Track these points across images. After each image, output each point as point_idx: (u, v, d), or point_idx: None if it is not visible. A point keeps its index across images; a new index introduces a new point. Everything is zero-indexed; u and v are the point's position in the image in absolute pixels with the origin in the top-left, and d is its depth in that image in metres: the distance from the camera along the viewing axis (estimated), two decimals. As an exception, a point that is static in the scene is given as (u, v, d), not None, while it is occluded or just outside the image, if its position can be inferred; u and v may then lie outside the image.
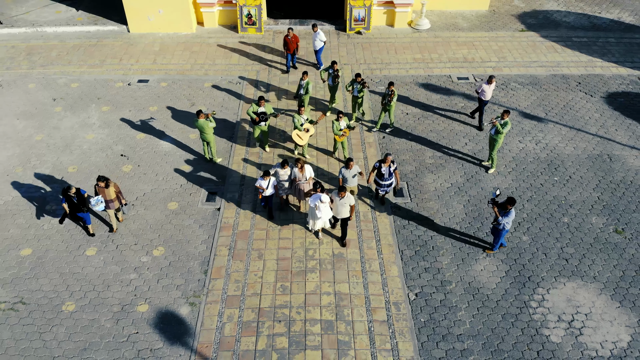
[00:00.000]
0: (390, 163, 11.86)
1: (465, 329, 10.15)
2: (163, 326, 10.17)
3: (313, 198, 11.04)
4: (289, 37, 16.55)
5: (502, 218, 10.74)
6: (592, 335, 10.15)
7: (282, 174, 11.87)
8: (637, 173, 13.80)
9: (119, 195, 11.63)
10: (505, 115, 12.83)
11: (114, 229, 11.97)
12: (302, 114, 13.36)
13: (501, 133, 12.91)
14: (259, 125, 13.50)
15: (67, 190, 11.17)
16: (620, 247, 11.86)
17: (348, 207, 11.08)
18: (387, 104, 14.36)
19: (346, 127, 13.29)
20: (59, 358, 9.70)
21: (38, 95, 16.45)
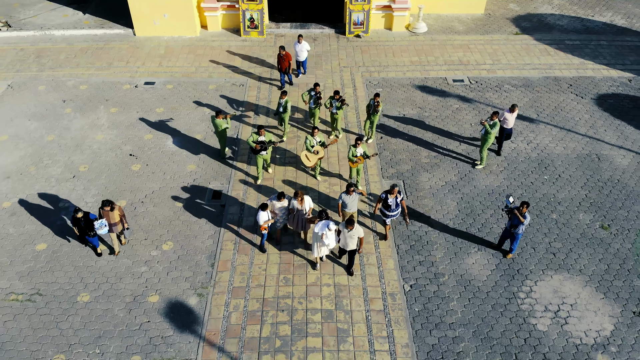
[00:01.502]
0: (397, 194, 11.77)
1: (457, 318, 10.88)
2: (173, 315, 10.89)
3: (322, 226, 10.97)
4: (281, 55, 16.57)
5: (523, 224, 11.25)
6: (577, 325, 10.87)
7: (278, 206, 11.74)
8: (624, 172, 14.53)
9: (123, 219, 11.81)
10: (495, 116, 13.55)
11: (116, 252, 12.07)
12: (316, 136, 13.30)
13: (490, 133, 13.63)
14: (260, 154, 13.41)
15: (75, 213, 11.28)
16: (605, 242, 12.58)
17: (357, 239, 10.97)
18: (372, 114, 14.57)
19: (362, 154, 12.96)
20: (75, 345, 10.42)
21: (48, 97, 17.17)
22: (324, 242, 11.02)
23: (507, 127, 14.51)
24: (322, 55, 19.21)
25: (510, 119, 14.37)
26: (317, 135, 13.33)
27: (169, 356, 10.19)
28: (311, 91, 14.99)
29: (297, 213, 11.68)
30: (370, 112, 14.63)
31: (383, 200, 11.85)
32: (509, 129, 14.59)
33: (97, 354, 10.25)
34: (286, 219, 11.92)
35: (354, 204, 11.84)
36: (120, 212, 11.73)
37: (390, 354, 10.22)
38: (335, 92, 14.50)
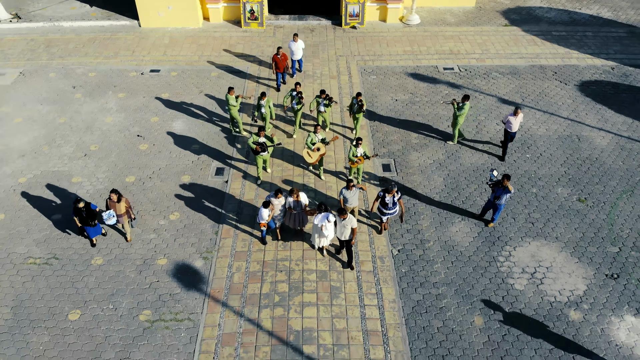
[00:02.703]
0: (395, 193, 12.06)
1: (440, 278, 11.99)
2: (180, 276, 12.01)
3: (322, 217, 11.53)
4: (278, 56, 16.97)
5: (504, 197, 12.36)
6: (551, 285, 11.98)
7: (276, 203, 12.20)
8: (603, 151, 15.65)
9: (129, 210, 12.43)
10: (465, 99, 14.69)
11: (129, 238, 12.74)
12: (318, 133, 13.72)
13: (458, 115, 14.82)
14: (260, 155, 13.81)
15: (77, 204, 11.72)
16: (582, 213, 13.70)
17: (350, 229, 11.46)
18: (356, 112, 15.04)
19: (362, 154, 13.43)
20: (90, 302, 11.53)
21: (58, 83, 18.32)
22: (324, 234, 11.65)
23: (511, 130, 14.71)
24: (319, 45, 20.37)
25: (514, 123, 14.59)
26: (319, 132, 13.76)
27: (177, 311, 11.31)
28: (292, 91, 15.23)
29: (293, 210, 12.17)
30: (354, 111, 15.12)
31: (381, 198, 12.16)
32: (513, 132, 14.79)
33: (111, 309, 11.37)
34: (283, 217, 12.44)
35: (355, 199, 12.41)
36: (127, 203, 12.29)
37: (379, 308, 11.33)
38: (322, 91, 14.93)
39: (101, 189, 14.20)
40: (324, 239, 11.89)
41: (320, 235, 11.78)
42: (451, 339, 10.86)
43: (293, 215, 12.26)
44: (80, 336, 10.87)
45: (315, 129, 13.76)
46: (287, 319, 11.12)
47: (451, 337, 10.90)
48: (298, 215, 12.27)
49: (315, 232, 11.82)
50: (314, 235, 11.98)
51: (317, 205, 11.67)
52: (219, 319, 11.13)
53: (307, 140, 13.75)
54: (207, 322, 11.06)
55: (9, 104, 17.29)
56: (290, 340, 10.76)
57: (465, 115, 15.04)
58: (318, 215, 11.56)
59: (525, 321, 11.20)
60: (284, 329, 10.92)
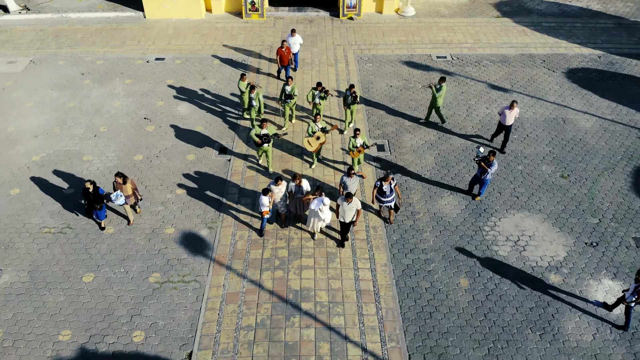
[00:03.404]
0: (391, 180, 12.65)
1: (429, 245, 12.96)
2: (187, 243, 12.98)
3: (317, 202, 12.05)
4: (282, 49, 17.63)
5: (489, 171, 13.32)
6: (533, 251, 12.95)
7: (276, 191, 12.63)
8: (587, 133, 16.63)
9: (135, 192, 13.06)
10: (441, 81, 15.66)
11: (131, 221, 13.39)
12: (318, 122, 14.23)
13: (437, 97, 15.80)
14: (261, 146, 14.25)
15: (86, 185, 12.40)
16: (564, 188, 14.67)
17: (355, 210, 12.10)
18: (350, 104, 15.53)
19: (361, 145, 13.89)
20: (102, 266, 12.49)
21: (68, 70, 19.32)
22: (320, 217, 12.30)
23: (506, 123, 15.14)
24: (318, 35, 21.37)
25: (508, 116, 14.97)
26: (319, 121, 14.27)
27: (184, 273, 12.28)
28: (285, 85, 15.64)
29: (296, 196, 12.67)
30: (348, 103, 15.62)
31: (378, 187, 12.76)
32: (508, 125, 15.22)
33: (122, 272, 12.33)
34: (285, 203, 12.91)
35: (354, 186, 12.95)
36: (133, 185, 12.97)
37: (371, 271, 12.30)
38: (318, 84, 15.49)
39: (111, 166, 15.17)
40: (322, 222, 12.55)
41: (318, 219, 12.45)
42: (438, 298, 11.82)
43: (295, 201, 12.82)
44: (94, 296, 11.84)
45: (315, 118, 14.35)
46: (286, 280, 12.10)
47: (438, 296, 11.87)
48: (300, 201, 12.79)
49: (312, 216, 12.43)
50: (309, 220, 12.56)
51: (315, 187, 12.32)
52: (223, 280, 12.10)
53: (308, 129, 14.38)
54: (212, 283, 12.04)
55: (20, 90, 18.28)
56: (289, 298, 11.73)
57: (443, 97, 15.99)
58: (314, 200, 12.18)
59: (507, 283, 12.17)
60: (284, 289, 11.90)
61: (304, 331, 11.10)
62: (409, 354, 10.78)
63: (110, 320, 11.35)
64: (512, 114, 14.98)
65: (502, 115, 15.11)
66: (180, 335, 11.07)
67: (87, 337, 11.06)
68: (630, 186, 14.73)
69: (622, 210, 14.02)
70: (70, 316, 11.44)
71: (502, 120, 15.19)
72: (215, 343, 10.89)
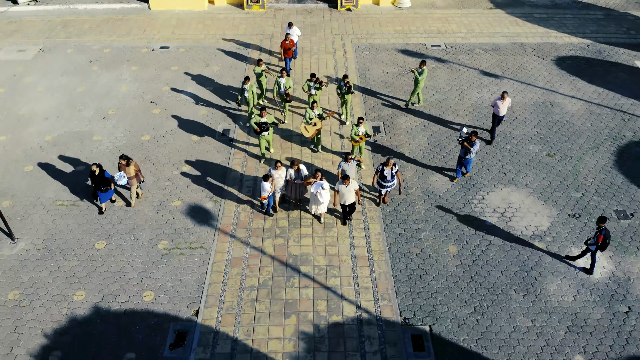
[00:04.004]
0: (392, 166, 13.13)
1: (420, 216, 13.89)
2: (193, 214, 13.90)
3: (315, 185, 12.60)
4: (286, 42, 18.32)
5: (472, 151, 14.19)
6: (519, 222, 13.87)
7: (276, 176, 13.17)
8: (573, 115, 17.56)
9: (138, 174, 13.78)
10: (422, 65, 16.58)
11: (132, 204, 14.10)
12: (315, 109, 14.92)
13: (419, 80, 16.69)
14: (261, 135, 14.72)
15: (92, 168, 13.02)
16: (550, 165, 15.59)
17: (353, 192, 12.70)
18: (345, 94, 16.16)
19: (363, 133, 14.44)
20: (113, 235, 13.41)
21: (76, 58, 20.27)
22: (320, 200, 13.03)
23: (498, 114, 15.64)
24: (317, 25, 22.33)
25: (501, 107, 15.49)
26: (315, 108, 15.00)
27: (191, 241, 13.20)
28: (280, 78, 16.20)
29: (294, 181, 13.24)
30: (343, 93, 16.21)
31: (380, 172, 13.26)
32: (501, 116, 15.72)
33: (132, 240, 13.26)
34: (284, 188, 13.46)
35: (352, 171, 13.52)
36: (136, 167, 13.78)
37: (366, 239, 13.23)
38: (312, 75, 16.04)
39: (120, 145, 16.10)
40: (321, 205, 13.18)
41: (317, 203, 13.12)
42: (428, 263, 12.74)
43: (294, 186, 13.44)
44: (106, 261, 12.76)
45: (312, 105, 15.07)
46: (286, 246, 13.02)
47: (428, 261, 12.79)
48: (298, 186, 13.40)
49: (312, 199, 13.16)
50: (311, 203, 13.30)
51: (314, 171, 13.06)
52: (227, 247, 13.02)
53: (305, 115, 15.11)
54: (217, 250, 12.96)
55: (31, 76, 19.22)
56: (289, 262, 12.64)
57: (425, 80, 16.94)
58: (313, 184, 12.81)
59: (494, 249, 13.08)
60: (284, 254, 12.82)
61: (302, 291, 12.02)
62: (400, 310, 11.69)
63: (122, 282, 12.27)
64: (505, 104, 15.56)
65: (495, 107, 15.65)
66: (187, 295, 11.99)
67: (100, 297, 11.98)
68: (613, 164, 15.65)
69: (605, 186, 14.94)
70: (84, 279, 12.36)
71: (496, 112, 15.72)
72: (221, 301, 11.81)
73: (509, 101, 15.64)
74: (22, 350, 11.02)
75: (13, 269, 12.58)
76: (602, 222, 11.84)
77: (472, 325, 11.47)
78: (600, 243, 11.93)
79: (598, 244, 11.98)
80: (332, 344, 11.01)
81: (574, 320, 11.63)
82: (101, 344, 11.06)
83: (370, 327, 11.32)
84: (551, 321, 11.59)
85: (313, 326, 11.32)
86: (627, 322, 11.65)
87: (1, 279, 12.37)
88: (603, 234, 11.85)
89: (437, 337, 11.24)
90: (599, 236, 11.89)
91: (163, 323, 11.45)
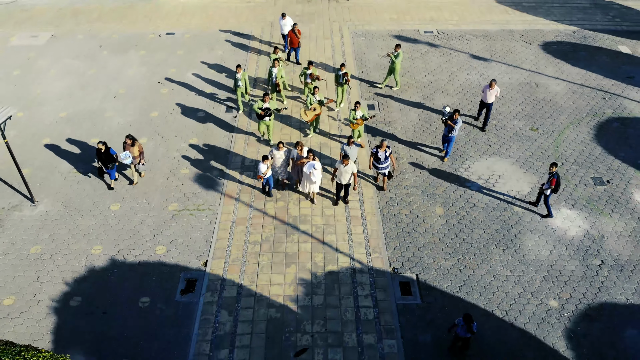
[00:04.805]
0: (386, 148, 13.93)
1: (410, 182, 15.19)
2: (200, 181, 15.20)
3: (308, 166, 13.44)
4: (293, 32, 19.23)
5: (455, 128, 15.46)
6: (501, 187, 15.16)
7: (278, 156, 14.09)
8: (556, 94, 18.88)
9: (141, 156, 14.79)
10: (397, 48, 17.83)
11: (134, 182, 15.12)
12: (316, 94, 15.75)
13: (395, 63, 17.95)
14: (263, 120, 15.57)
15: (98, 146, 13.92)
16: (533, 138, 16.90)
17: (350, 173, 13.54)
18: (341, 83, 16.92)
19: (361, 117, 15.27)
20: (127, 198, 14.71)
21: (86, 43, 21.62)
22: (312, 180, 13.81)
23: (486, 101, 16.45)
24: (315, 13, 23.70)
25: (489, 94, 16.23)
26: (317, 94, 15.89)
27: (199, 203, 14.50)
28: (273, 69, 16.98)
29: (297, 162, 13.91)
30: (340, 82, 16.97)
31: (374, 154, 14.17)
32: (489, 103, 16.50)
33: (145, 202, 14.56)
34: (287, 170, 14.30)
35: (354, 154, 14.30)
36: (140, 148, 15.06)
37: (359, 202, 14.53)
38: (310, 63, 17.02)
39: (130, 120, 17.43)
40: (313, 185, 13.95)
41: (310, 182, 13.92)
42: (416, 222, 14.04)
43: (297, 167, 14.12)
44: (120, 220, 14.06)
45: (313, 91, 15.96)
46: (287, 208, 14.31)
47: (416, 220, 14.09)
48: (300, 167, 14.11)
49: (305, 178, 13.89)
50: (303, 182, 14.03)
51: (307, 151, 13.92)
52: (233, 208, 14.32)
53: (307, 100, 15.92)
54: (223, 211, 14.26)
55: (44, 59, 20.57)
56: (289, 221, 13.95)
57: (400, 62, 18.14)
58: (307, 163, 13.67)
59: (477, 210, 14.38)
60: (285, 215, 14.12)
61: (301, 245, 13.32)
62: (390, 262, 12.99)
63: (136, 238, 13.57)
64: (493, 92, 16.34)
65: (483, 93, 16.52)
66: (196, 249, 13.29)
67: (116, 250, 13.27)
68: (592, 137, 16.95)
69: (584, 156, 16.24)
70: (101, 235, 13.66)
71: (483, 99, 16.58)
72: (227, 254, 13.10)
73: (497, 89, 16.40)
74: (45, 296, 12.31)
75: (34, 228, 13.88)
76: (554, 167, 13.34)
77: (455, 274, 12.76)
78: (554, 186, 13.51)
79: (552, 187, 13.55)
80: (327, 288, 12.31)
81: (549, 271, 12.92)
82: (118, 291, 12.36)
83: (363, 275, 12.62)
84: (528, 271, 12.88)
85: (311, 274, 12.62)
86: (600, 273, 12.93)
87: (23, 235, 13.68)
88: (556, 178, 13.44)
89: (423, 284, 12.54)
90: (552, 180, 13.44)
91: (174, 273, 12.74)
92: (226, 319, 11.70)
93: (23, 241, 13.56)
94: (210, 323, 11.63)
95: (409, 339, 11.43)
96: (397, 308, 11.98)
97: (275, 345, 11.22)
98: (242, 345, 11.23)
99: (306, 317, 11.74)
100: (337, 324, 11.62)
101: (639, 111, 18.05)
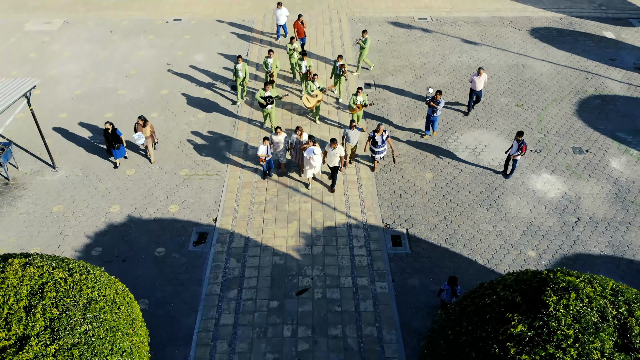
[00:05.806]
0: (383, 132, 14.77)
1: (402, 152, 16.67)
2: (209, 150, 16.68)
3: (308, 151, 14.32)
4: (299, 22, 20.35)
5: (438, 108, 16.85)
6: (487, 156, 16.64)
7: (276, 140, 15.19)
8: (542, 75, 20.37)
9: (153, 135, 16.58)
10: (364, 34, 19.20)
11: (152, 160, 16.24)
12: (316, 81, 16.79)
13: (364, 48, 19.34)
14: (265, 108, 16.37)
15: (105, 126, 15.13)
16: (517, 113, 18.39)
17: (338, 157, 14.32)
18: (339, 75, 17.93)
19: (361, 102, 16.23)
20: (141, 165, 16.18)
21: (97, 28, 23.12)
22: (312, 164, 14.80)
23: (475, 89, 17.38)
24: (315, 1, 25.20)
25: (477, 82, 17.15)
26: (317, 81, 16.96)
27: (208, 169, 15.97)
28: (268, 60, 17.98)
29: (297, 146, 14.86)
30: (337, 74, 17.96)
31: (371, 138, 15.03)
32: (478, 91, 17.43)
33: (157, 168, 16.04)
34: (284, 153, 15.32)
35: (355, 137, 15.25)
36: (152, 129, 16.34)
37: (356, 169, 16.03)
38: (303, 53, 17.95)
39: (142, 97, 18.91)
40: (313, 169, 14.88)
41: (310, 167, 14.88)
42: (407, 185, 15.52)
43: (297, 152, 15.13)
44: (135, 184, 15.53)
45: (313, 78, 16.95)
46: (289, 175, 15.76)
47: (407, 184, 15.56)
48: (300, 151, 15.69)
49: (305, 163, 14.79)
50: (305, 167, 14.95)
51: (308, 137, 14.98)
52: (239, 174, 15.80)
53: (307, 87, 17.10)
54: (230, 176, 15.74)
55: (57, 43, 22.07)
56: (291, 185, 15.43)
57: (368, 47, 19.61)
58: (307, 149, 14.51)
59: (464, 175, 15.86)
60: (287, 180, 15.59)
61: (302, 204, 14.79)
62: (382, 218, 14.46)
63: (151, 198, 15.04)
64: (481, 79, 17.35)
65: (472, 82, 17.50)
66: (207, 208, 14.76)
67: (132, 209, 14.74)
68: (574, 112, 18.44)
69: (565, 129, 17.72)
70: (118, 196, 15.12)
71: (473, 87, 17.57)
72: (235, 212, 14.57)
73: (485, 77, 17.49)
74: (68, 247, 13.77)
75: (56, 190, 15.35)
76: (520, 136, 14.71)
77: (442, 228, 14.24)
78: (524, 152, 14.93)
79: (523, 153, 14.95)
80: (326, 240, 13.77)
81: (529, 226, 14.39)
82: (135, 242, 13.81)
83: (358, 229, 14.09)
84: (509, 227, 14.35)
85: (311, 229, 14.08)
86: (576, 229, 14.40)
87: (46, 197, 15.14)
88: (525, 145, 14.87)
89: (413, 236, 14.01)
90: (523, 147, 14.82)
91: (187, 227, 14.21)
92: (235, 265, 13.17)
93: (46, 201, 15.01)
94: (221, 269, 13.10)
95: (398, 282, 12.90)
96: (389, 256, 13.45)
97: (279, 286, 12.69)
98: (249, 286, 12.69)
99: (307, 263, 13.21)
100: (334, 269, 13.08)
101: (619, 90, 19.56)
